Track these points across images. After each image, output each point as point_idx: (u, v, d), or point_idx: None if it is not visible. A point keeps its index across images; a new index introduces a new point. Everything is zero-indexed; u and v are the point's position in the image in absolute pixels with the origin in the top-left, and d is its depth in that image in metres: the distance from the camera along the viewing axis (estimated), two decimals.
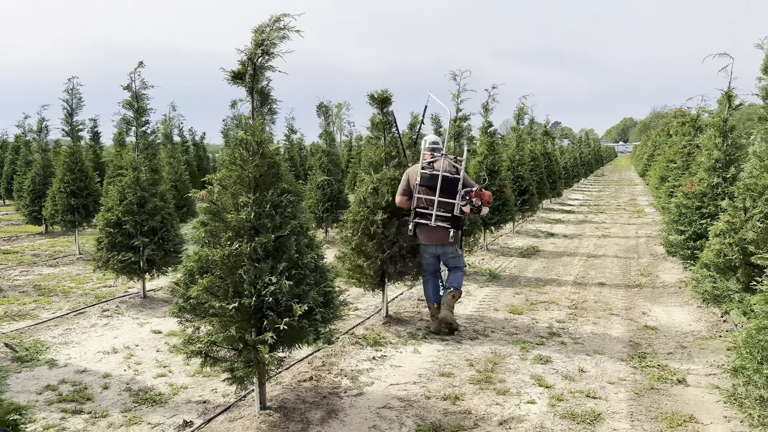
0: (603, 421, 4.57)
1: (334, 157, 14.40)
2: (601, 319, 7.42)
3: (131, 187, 7.73)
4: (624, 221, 17.87)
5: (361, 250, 6.97)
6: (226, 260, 4.18)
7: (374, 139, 7.78)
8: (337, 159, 14.58)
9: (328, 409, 4.75)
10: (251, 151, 4.37)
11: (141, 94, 7.70)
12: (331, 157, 14.21)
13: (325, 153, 14.22)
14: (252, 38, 4.28)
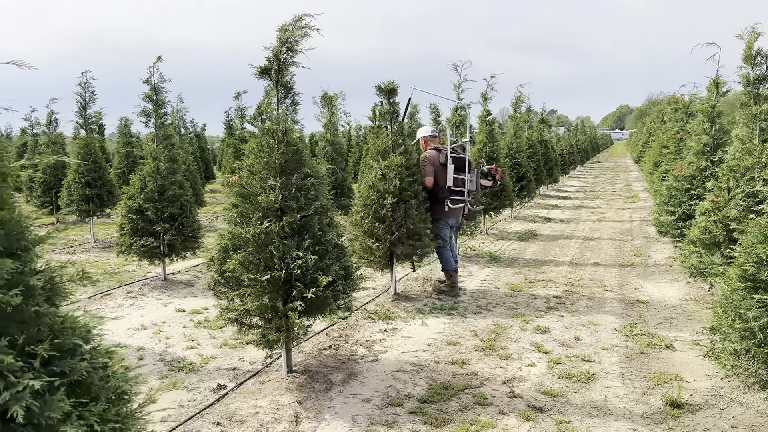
0: (597, 380, 5.08)
1: (337, 147, 14.83)
2: (596, 294, 7.92)
3: (152, 176, 8.17)
4: (619, 206, 18.37)
5: (371, 233, 7.45)
6: (258, 238, 4.64)
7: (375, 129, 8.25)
8: (340, 148, 15.01)
9: (347, 373, 5.25)
10: (277, 139, 4.83)
11: (159, 87, 8.12)
12: (334, 146, 14.65)
13: (329, 142, 14.65)
14: (277, 36, 4.72)
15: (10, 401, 2.05)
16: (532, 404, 4.61)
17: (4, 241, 2.24)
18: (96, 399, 2.37)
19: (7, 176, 2.31)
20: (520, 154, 15.81)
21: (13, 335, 2.20)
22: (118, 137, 19.36)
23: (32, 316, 2.24)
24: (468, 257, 10.50)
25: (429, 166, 7.84)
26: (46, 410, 2.14)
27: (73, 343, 2.34)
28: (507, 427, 4.25)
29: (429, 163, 7.85)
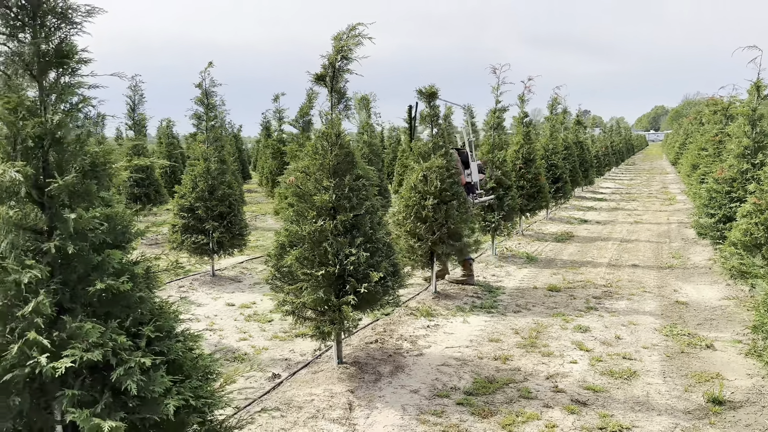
0: (638, 377, 5.21)
1: (374, 148, 15.11)
2: (635, 295, 8.00)
3: (202, 176, 8.54)
4: (656, 208, 18.23)
5: (413, 233, 7.67)
6: (313, 235, 4.90)
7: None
8: (377, 149, 15.28)
9: (395, 365, 5.48)
10: (331, 142, 5.09)
11: (210, 91, 8.48)
12: (372, 147, 14.92)
13: (366, 144, 14.94)
14: (332, 45, 4.98)
15: (123, 376, 2.33)
16: (576, 398, 4.77)
17: (113, 235, 2.53)
18: (189, 377, 2.64)
19: (113, 176, 2.60)
20: (556, 156, 15.84)
21: (121, 318, 2.49)
22: (159, 138, 19.98)
23: (137, 300, 2.52)
24: (505, 257, 10.64)
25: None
26: (150, 385, 2.42)
27: (170, 325, 2.62)
28: (552, 419, 4.43)
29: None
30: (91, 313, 2.44)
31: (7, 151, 2.39)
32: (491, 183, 10.30)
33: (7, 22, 2.42)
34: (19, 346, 2.20)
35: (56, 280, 2.38)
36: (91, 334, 2.26)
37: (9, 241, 2.25)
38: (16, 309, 2.28)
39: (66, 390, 2.28)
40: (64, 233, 2.36)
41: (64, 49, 2.50)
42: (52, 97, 2.50)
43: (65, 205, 2.43)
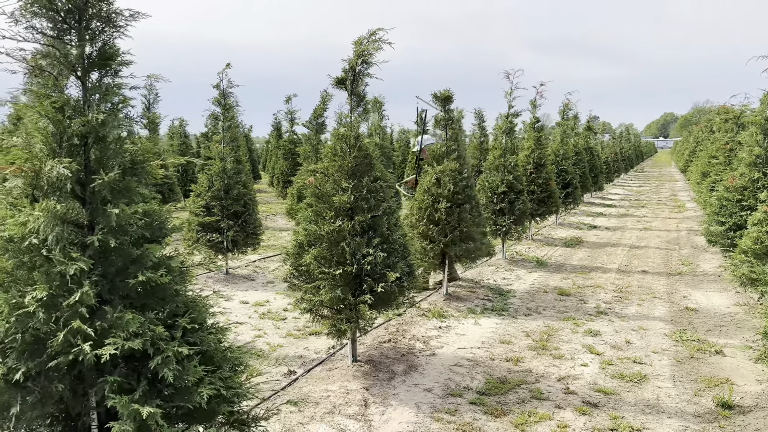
0: (648, 381, 5.28)
1: (385, 150, 15.21)
2: (645, 301, 8.06)
3: (218, 176, 8.67)
4: (665, 215, 18.24)
5: (425, 235, 7.77)
6: (331, 235, 5.01)
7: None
8: (388, 152, 15.39)
9: (408, 364, 5.57)
10: (350, 144, 5.19)
11: (228, 92, 8.61)
12: (383, 150, 15.03)
13: (378, 146, 15.04)
14: (353, 49, 5.09)
15: (160, 365, 2.44)
16: (587, 400, 4.85)
17: (150, 230, 2.64)
18: (219, 368, 2.75)
19: (151, 174, 2.72)
20: (567, 161, 15.90)
21: (157, 309, 2.60)
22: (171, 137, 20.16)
23: (172, 293, 2.63)
24: (515, 261, 10.72)
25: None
26: (185, 374, 2.52)
27: (203, 318, 2.73)
28: (564, 419, 4.51)
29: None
30: (128, 305, 2.55)
31: (53, 148, 2.51)
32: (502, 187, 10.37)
33: (55, 25, 2.54)
34: (64, 334, 2.31)
35: (97, 272, 2.50)
36: (132, 324, 2.37)
37: (55, 234, 2.37)
38: (61, 299, 2.39)
39: (108, 377, 2.39)
40: (106, 227, 2.47)
41: (107, 51, 2.62)
42: (95, 97, 2.61)
43: (107, 200, 2.54)
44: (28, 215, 2.37)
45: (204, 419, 2.67)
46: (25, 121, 2.67)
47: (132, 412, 2.33)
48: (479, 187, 10.49)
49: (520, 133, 14.31)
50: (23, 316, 2.38)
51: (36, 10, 2.50)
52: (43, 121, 2.53)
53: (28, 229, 2.38)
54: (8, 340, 2.39)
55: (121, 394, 2.40)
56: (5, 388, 2.46)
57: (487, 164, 10.90)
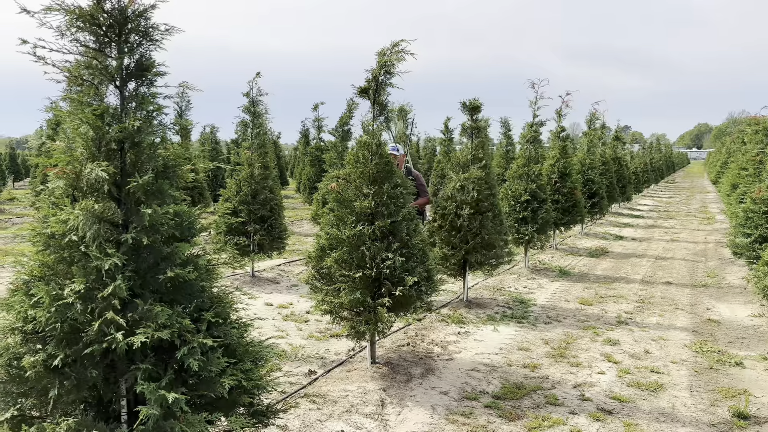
0: (665, 390, 5.31)
1: (410, 158, 15.34)
2: (667, 312, 8.04)
3: (246, 181, 8.92)
4: (694, 227, 18.01)
5: (447, 241, 7.88)
6: (352, 239, 5.17)
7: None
8: (414, 160, 15.52)
9: (425, 368, 5.69)
10: (371, 151, 5.35)
11: (257, 100, 8.87)
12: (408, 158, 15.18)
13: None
14: (376, 60, 5.26)
15: (186, 355, 2.61)
16: (602, 407, 4.91)
17: (180, 229, 2.83)
18: (241, 360, 2.92)
19: (182, 177, 2.91)
20: (593, 171, 15.84)
21: (185, 304, 2.78)
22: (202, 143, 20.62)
23: (199, 289, 2.82)
24: (537, 270, 10.75)
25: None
26: (209, 365, 2.70)
27: (226, 313, 2.90)
28: (577, 425, 4.58)
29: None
30: (158, 299, 2.74)
31: (93, 152, 2.72)
32: (525, 196, 10.43)
33: (97, 39, 2.75)
34: (99, 324, 2.50)
35: (130, 267, 2.69)
36: (161, 316, 2.55)
37: (93, 231, 2.56)
38: (96, 292, 2.59)
39: (139, 365, 2.58)
40: (139, 226, 2.67)
41: (143, 63, 2.82)
42: (131, 105, 2.82)
43: (140, 201, 2.74)
44: (69, 213, 2.57)
45: (225, 408, 2.84)
46: (65, 127, 2.89)
47: (159, 397, 2.50)
48: (502, 195, 10.56)
49: (547, 142, 14.35)
50: (62, 307, 2.58)
51: (80, 25, 2.72)
52: (83, 127, 2.74)
53: (69, 227, 2.59)
54: (48, 328, 2.60)
55: (149, 382, 2.58)
56: (44, 373, 2.66)
57: (510, 173, 10.97)
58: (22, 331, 2.71)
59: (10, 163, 34.34)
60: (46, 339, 2.67)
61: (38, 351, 2.66)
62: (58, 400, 2.70)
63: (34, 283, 2.70)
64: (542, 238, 10.72)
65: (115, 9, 2.77)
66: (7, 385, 2.76)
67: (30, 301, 2.66)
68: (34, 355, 2.63)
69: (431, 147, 28.17)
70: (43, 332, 2.65)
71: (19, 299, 2.71)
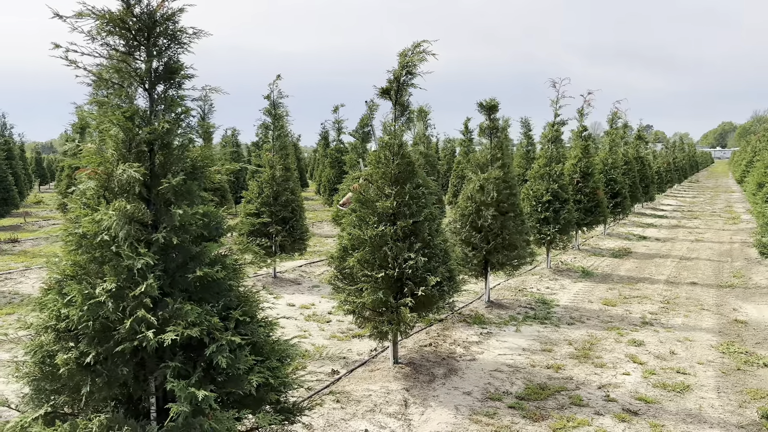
0: (692, 391, 5.24)
1: (430, 159, 15.35)
2: (692, 312, 7.93)
3: (268, 183, 8.99)
4: (719, 227, 17.72)
5: (468, 241, 7.87)
6: (374, 239, 5.19)
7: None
8: (433, 160, 15.52)
9: (448, 368, 5.68)
10: (393, 152, 5.37)
11: (278, 102, 8.94)
12: (428, 158, 15.18)
13: (423, 155, 15.19)
14: (397, 61, 5.28)
15: (214, 352, 2.65)
16: (627, 408, 4.86)
17: (208, 229, 2.87)
18: (268, 358, 2.95)
19: (209, 178, 2.95)
20: (615, 171, 15.68)
21: (213, 303, 2.82)
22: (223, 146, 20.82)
23: (227, 288, 2.86)
24: (560, 271, 10.67)
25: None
26: (236, 362, 2.73)
27: (253, 312, 2.94)
28: (602, 425, 4.54)
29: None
30: (187, 298, 2.78)
31: (123, 154, 2.77)
32: (547, 196, 10.36)
33: (127, 42, 2.81)
34: (131, 322, 2.55)
35: (159, 267, 2.73)
36: (190, 314, 2.59)
37: (125, 231, 2.62)
38: (128, 291, 2.64)
39: (169, 362, 2.62)
40: (169, 226, 2.72)
41: (172, 66, 2.87)
42: (160, 107, 2.87)
43: (170, 202, 2.79)
44: (104, 214, 2.63)
45: (253, 405, 2.87)
46: (91, 129, 2.95)
47: (189, 395, 2.54)
48: (523, 195, 10.50)
49: (568, 142, 14.25)
50: (94, 305, 2.63)
51: (111, 29, 2.78)
52: (114, 129, 2.79)
53: (101, 227, 2.64)
54: (81, 326, 2.65)
55: (179, 379, 2.62)
56: (77, 370, 2.72)
57: (531, 173, 10.90)
58: (55, 329, 2.77)
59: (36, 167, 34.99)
60: (78, 337, 2.72)
61: (71, 348, 2.72)
62: (89, 397, 2.75)
63: (66, 282, 2.76)
64: (564, 238, 10.63)
65: (144, 13, 2.82)
66: (40, 382, 2.82)
67: (63, 299, 2.72)
68: (66, 353, 2.68)
69: (450, 148, 28.10)
70: (75, 330, 2.71)
71: (52, 298, 2.77)
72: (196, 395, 2.53)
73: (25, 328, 2.79)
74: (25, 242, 13.54)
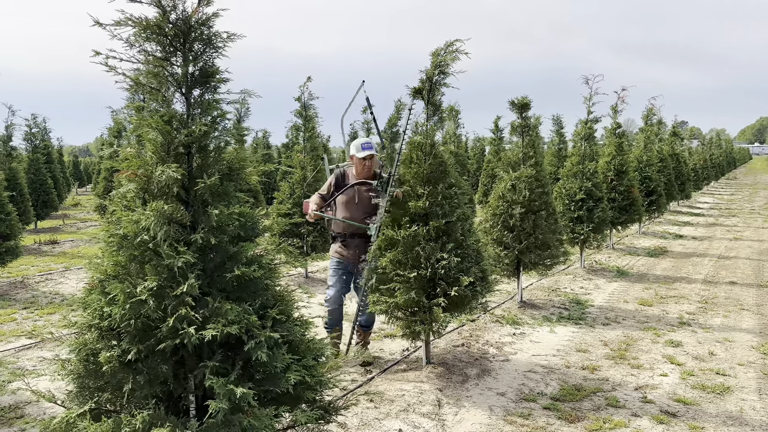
0: (732, 393, 5.11)
1: (460, 158, 15.29)
2: (732, 313, 7.74)
3: (299, 183, 9.07)
4: (758, 225, 17.26)
5: (500, 241, 7.82)
6: (407, 240, 5.19)
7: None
8: (463, 160, 15.46)
9: (481, 368, 5.66)
10: (425, 152, 5.37)
11: (308, 104, 9.02)
12: (458, 158, 15.12)
13: (453, 154, 15.14)
14: (430, 60, 5.28)
15: (253, 349, 2.69)
16: (665, 409, 4.77)
17: (245, 229, 2.91)
18: (304, 357, 2.98)
19: (245, 180, 3.00)
20: (650, 168, 15.39)
21: (250, 301, 2.87)
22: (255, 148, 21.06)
23: (263, 287, 2.90)
24: (594, 270, 10.52)
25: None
26: (274, 360, 2.77)
27: (289, 311, 2.97)
28: (640, 427, 4.47)
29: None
30: (225, 297, 2.83)
31: (162, 156, 2.84)
32: (580, 195, 10.21)
33: (163, 48, 2.87)
34: (173, 320, 2.60)
35: (198, 267, 2.79)
36: (230, 313, 2.64)
37: (164, 231, 2.68)
38: (168, 290, 2.70)
39: (208, 361, 2.67)
40: (207, 227, 2.77)
41: (207, 70, 2.93)
42: (197, 111, 2.92)
43: (207, 203, 2.84)
44: (141, 214, 2.69)
45: (290, 403, 2.91)
46: (128, 133, 3.02)
47: (227, 392, 2.59)
48: (556, 194, 10.39)
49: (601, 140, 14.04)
50: (136, 304, 2.70)
51: (148, 36, 2.84)
52: (153, 132, 2.86)
53: (141, 227, 2.71)
54: (123, 324, 2.72)
55: (218, 377, 2.67)
56: (119, 368, 2.79)
57: (564, 171, 10.78)
58: (98, 328, 2.85)
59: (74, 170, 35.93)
60: (120, 335, 2.79)
61: (113, 347, 2.78)
62: (131, 394, 2.82)
63: (108, 281, 2.83)
64: (598, 237, 10.49)
65: (180, 19, 2.87)
66: (85, 379, 2.90)
67: (105, 298, 2.79)
68: (109, 351, 2.75)
69: (480, 147, 27.93)
70: (117, 328, 2.78)
71: (96, 297, 2.85)
72: (234, 392, 2.57)
73: (70, 327, 2.87)
74: (64, 244, 13.91)
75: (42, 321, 7.33)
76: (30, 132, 17.88)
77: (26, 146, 18.16)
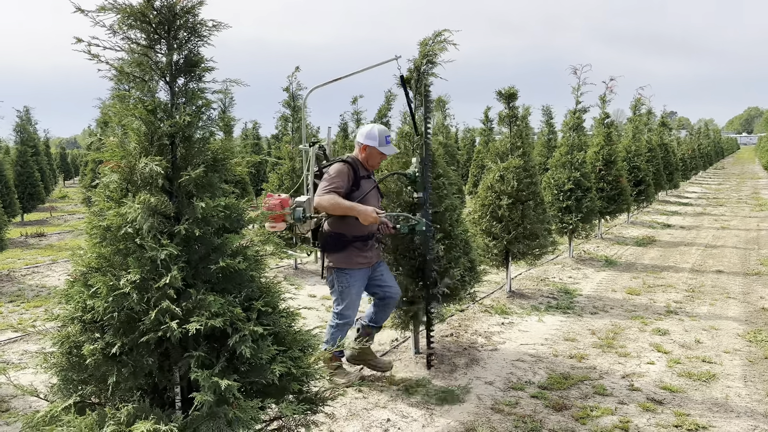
0: (717, 380, 5.16)
1: (449, 149, 15.28)
2: (718, 301, 7.80)
3: (288, 174, 9.02)
4: (745, 214, 17.41)
5: (488, 231, 7.83)
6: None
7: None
8: (452, 151, 15.46)
9: (470, 358, 5.67)
10: (412, 142, 5.34)
11: (297, 94, 8.95)
12: (447, 149, 15.11)
13: (442, 145, 15.12)
14: (418, 50, 5.24)
15: (237, 343, 2.68)
16: (651, 397, 4.81)
17: (230, 221, 2.89)
18: (290, 348, 2.97)
19: (230, 171, 2.97)
20: (639, 158, 15.46)
21: (235, 293, 2.84)
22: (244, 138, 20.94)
23: (249, 279, 2.88)
24: (582, 260, 10.57)
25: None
26: (259, 352, 2.75)
27: (275, 302, 2.96)
28: (627, 414, 4.50)
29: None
30: (209, 289, 2.81)
31: (145, 147, 2.80)
32: (569, 185, 10.24)
33: (147, 36, 2.83)
34: (156, 313, 2.58)
35: (182, 258, 2.76)
36: (214, 305, 2.62)
37: (149, 224, 2.64)
38: (152, 282, 2.67)
39: (193, 352, 2.65)
40: (191, 218, 2.74)
41: (192, 59, 2.88)
42: (181, 100, 2.88)
43: (192, 194, 2.81)
44: (129, 207, 2.66)
45: (276, 395, 2.90)
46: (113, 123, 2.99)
47: (212, 384, 2.57)
48: (545, 184, 10.41)
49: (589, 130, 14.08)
50: (119, 297, 2.67)
51: (132, 23, 2.79)
52: (136, 122, 2.82)
53: (126, 219, 2.67)
54: (106, 317, 2.69)
55: (203, 369, 2.65)
56: (103, 360, 2.76)
57: (552, 161, 10.80)
58: (81, 321, 2.81)
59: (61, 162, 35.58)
60: (104, 328, 2.76)
61: (97, 339, 2.76)
62: (116, 387, 2.79)
63: (91, 274, 2.80)
64: (587, 227, 10.54)
65: (164, 6, 2.83)
66: (68, 372, 2.87)
67: (88, 291, 2.75)
68: (93, 344, 2.72)
69: (470, 137, 27.92)
70: (101, 321, 2.75)
71: (78, 290, 2.81)
72: (219, 384, 2.55)
73: (52, 320, 2.84)
74: (51, 236, 13.79)
75: (28, 314, 7.27)
76: (20, 124, 17.67)
77: (14, 138, 17.97)
